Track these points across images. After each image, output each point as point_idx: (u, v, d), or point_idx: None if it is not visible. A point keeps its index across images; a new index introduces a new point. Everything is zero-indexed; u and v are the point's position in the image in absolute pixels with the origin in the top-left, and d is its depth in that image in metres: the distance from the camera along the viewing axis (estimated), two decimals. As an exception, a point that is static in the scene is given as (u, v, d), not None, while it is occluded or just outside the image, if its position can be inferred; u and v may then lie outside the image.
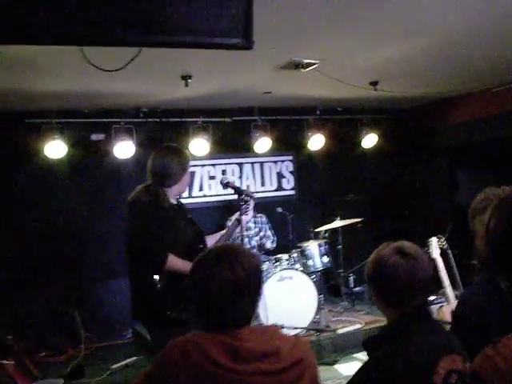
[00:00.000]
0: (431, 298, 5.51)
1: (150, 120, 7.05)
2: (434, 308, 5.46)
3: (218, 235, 4.13)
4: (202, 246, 3.78)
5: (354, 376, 1.94)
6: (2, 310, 5.81)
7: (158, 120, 7.12)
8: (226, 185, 3.82)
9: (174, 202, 3.81)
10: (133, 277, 3.77)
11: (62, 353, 6.27)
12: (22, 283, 6.41)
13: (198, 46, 2.46)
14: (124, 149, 6.72)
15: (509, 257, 1.42)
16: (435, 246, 5.60)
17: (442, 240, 5.62)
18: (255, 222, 7.09)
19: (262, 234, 7.15)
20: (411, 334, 1.93)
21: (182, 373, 1.69)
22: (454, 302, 5.46)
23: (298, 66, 5.33)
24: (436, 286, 5.64)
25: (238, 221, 4.08)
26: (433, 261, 2.16)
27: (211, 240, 4.01)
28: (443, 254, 5.63)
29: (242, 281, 1.79)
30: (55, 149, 6.39)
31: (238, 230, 4.11)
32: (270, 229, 7.24)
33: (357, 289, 7.29)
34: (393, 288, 1.98)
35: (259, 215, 7.18)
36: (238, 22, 2.33)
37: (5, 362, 4.40)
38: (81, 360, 6.03)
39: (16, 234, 6.50)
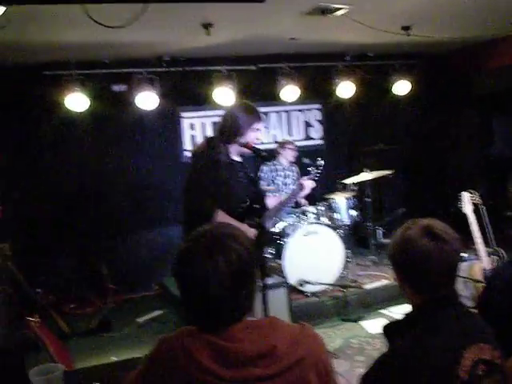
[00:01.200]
0: (463, 254, 5.34)
1: (172, 69, 6.82)
2: (465, 265, 5.31)
3: (279, 197, 4.18)
4: (258, 206, 3.82)
5: (373, 365, 1.80)
6: (31, 265, 5.84)
7: (180, 69, 6.89)
8: (244, 146, 3.66)
9: (236, 158, 3.81)
10: (185, 227, 3.77)
11: (90, 305, 6.35)
12: (48, 238, 6.45)
13: (209, 0, 2.25)
14: (147, 99, 6.55)
15: None
16: (467, 200, 5.39)
17: (475, 195, 5.39)
18: (292, 171, 6.88)
19: None
20: (435, 322, 1.77)
21: (169, 377, 1.54)
22: (485, 259, 5.30)
23: (325, 11, 5.05)
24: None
25: (301, 185, 4.00)
26: (460, 244, 1.88)
27: (272, 200, 4.07)
28: (476, 209, 5.42)
29: (239, 272, 1.57)
30: (76, 101, 6.27)
31: (301, 193, 4.06)
32: None
33: (385, 241, 7.13)
34: (421, 274, 1.80)
35: (294, 164, 6.94)
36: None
37: (30, 318, 4.41)
38: (107, 312, 6.10)
39: (40, 190, 6.49)
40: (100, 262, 6.58)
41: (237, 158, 3.82)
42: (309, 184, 3.98)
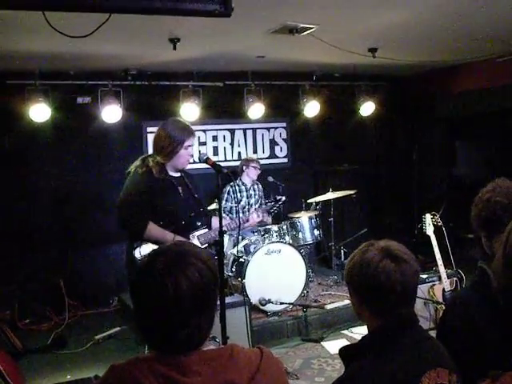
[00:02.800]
0: (424, 276, 5.39)
1: (138, 83, 6.76)
2: (425, 286, 5.35)
3: (229, 220, 4.41)
4: (199, 222, 3.94)
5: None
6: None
7: (146, 83, 6.83)
8: (205, 162, 3.65)
9: (174, 174, 3.90)
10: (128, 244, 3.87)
11: (46, 321, 6.18)
12: (5, 250, 6.25)
13: (170, 13, 2.22)
14: (111, 112, 6.45)
15: None
16: (429, 222, 5.46)
17: (437, 217, 5.47)
18: (254, 190, 6.82)
19: (260, 203, 6.90)
20: (394, 346, 1.74)
21: None
22: (446, 281, 5.36)
23: (292, 30, 5.07)
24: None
25: (247, 220, 4.29)
26: (419, 265, 1.84)
27: (216, 221, 3.95)
28: (437, 230, 5.49)
29: (201, 292, 1.47)
30: (40, 112, 6.13)
31: (245, 225, 4.29)
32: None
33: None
34: (381, 296, 1.76)
35: (256, 183, 6.90)
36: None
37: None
38: (64, 328, 5.97)
39: (-1, 200, 6.31)
40: (57, 277, 6.42)
41: (174, 174, 3.90)
42: (255, 219, 4.08)
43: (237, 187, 6.63)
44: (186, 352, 1.47)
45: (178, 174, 3.95)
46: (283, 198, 5.06)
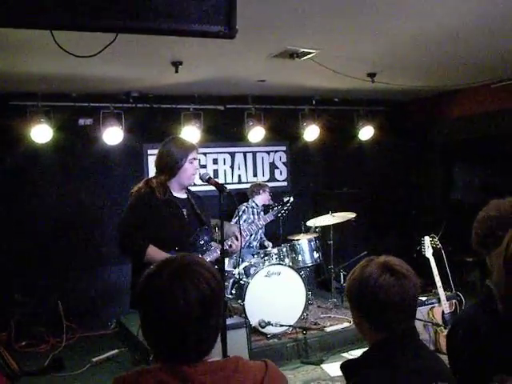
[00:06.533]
0: (423, 298, 5.39)
1: (139, 105, 6.82)
2: (424, 309, 5.35)
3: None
4: (202, 241, 3.80)
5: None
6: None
7: (148, 106, 6.90)
8: (207, 181, 3.65)
9: (178, 194, 3.81)
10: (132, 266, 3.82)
11: (44, 342, 6.14)
12: (3, 270, 6.24)
13: (177, 34, 2.26)
14: (112, 134, 6.51)
15: None
16: (428, 245, 5.48)
17: (436, 239, 5.49)
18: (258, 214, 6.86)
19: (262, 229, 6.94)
20: (394, 361, 1.75)
21: None
22: (445, 304, 5.35)
23: (293, 55, 5.15)
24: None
25: (230, 246, 3.86)
26: (418, 279, 1.87)
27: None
28: (436, 253, 5.51)
29: (209, 300, 1.49)
30: (41, 133, 6.19)
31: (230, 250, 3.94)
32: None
33: (347, 284, 7.11)
34: (382, 311, 1.78)
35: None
36: (220, 8, 2.14)
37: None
38: (62, 350, 5.93)
39: (-1, 221, 6.32)
40: (55, 299, 6.39)
41: (179, 195, 3.81)
42: (237, 246, 3.88)
43: (251, 209, 6.68)
44: (192, 362, 1.48)
45: (184, 196, 3.84)
46: (291, 199, 5.02)
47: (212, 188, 3.71)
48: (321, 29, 4.44)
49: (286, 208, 5.14)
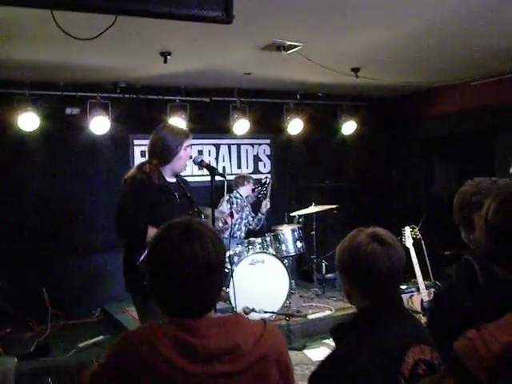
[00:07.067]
0: (403, 286, 5.55)
1: (126, 96, 6.88)
2: (404, 297, 5.50)
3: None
4: None
5: (321, 364, 1.88)
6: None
7: (134, 96, 6.96)
8: (199, 164, 3.75)
9: (170, 179, 3.86)
10: (126, 251, 3.82)
11: (28, 330, 6.17)
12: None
13: (175, 17, 2.36)
14: (99, 124, 6.56)
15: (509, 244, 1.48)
16: (408, 235, 5.64)
17: (416, 230, 5.65)
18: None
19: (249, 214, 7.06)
20: (381, 323, 1.88)
21: (132, 371, 1.53)
22: (424, 292, 5.51)
23: (280, 47, 5.24)
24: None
25: (225, 221, 4.09)
26: (406, 249, 2.03)
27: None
28: (416, 243, 5.66)
29: (214, 261, 1.61)
30: (28, 121, 6.22)
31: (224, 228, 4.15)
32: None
33: (329, 275, 7.26)
34: (370, 277, 1.90)
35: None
36: (218, -7, 2.25)
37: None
38: (47, 337, 5.95)
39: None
40: (40, 286, 6.43)
41: (171, 180, 3.89)
42: (230, 221, 4.08)
43: (235, 199, 6.77)
44: (196, 317, 1.61)
45: (174, 180, 3.92)
46: (268, 180, 5.33)
47: (199, 179, 3.83)
48: (307, 22, 4.54)
49: (265, 188, 5.30)
